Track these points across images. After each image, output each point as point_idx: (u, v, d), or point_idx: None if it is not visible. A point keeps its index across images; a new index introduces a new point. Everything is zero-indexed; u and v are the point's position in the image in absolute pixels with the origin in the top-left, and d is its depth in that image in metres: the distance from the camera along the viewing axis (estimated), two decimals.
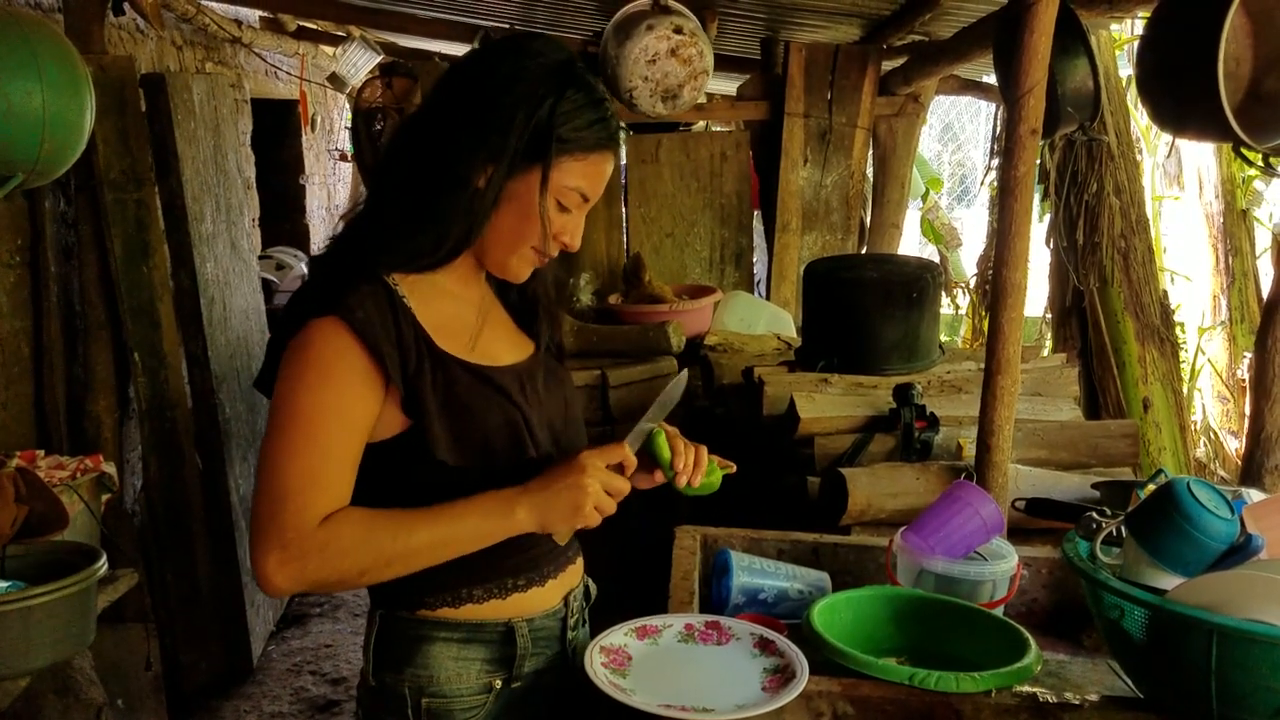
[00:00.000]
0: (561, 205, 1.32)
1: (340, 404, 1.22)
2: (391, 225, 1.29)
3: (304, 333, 1.23)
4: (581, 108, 1.28)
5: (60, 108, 2.30)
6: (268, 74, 5.67)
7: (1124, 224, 3.64)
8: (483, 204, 1.28)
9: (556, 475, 1.27)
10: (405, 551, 1.23)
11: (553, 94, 1.26)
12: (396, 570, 1.25)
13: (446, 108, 1.30)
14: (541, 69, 1.28)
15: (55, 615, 1.97)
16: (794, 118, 4.22)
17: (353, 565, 1.22)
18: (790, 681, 1.29)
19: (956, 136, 11.37)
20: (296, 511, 1.19)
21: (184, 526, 3.41)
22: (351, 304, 1.22)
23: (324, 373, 1.22)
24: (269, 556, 1.19)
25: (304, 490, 1.20)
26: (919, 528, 1.69)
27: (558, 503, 1.26)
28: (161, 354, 3.30)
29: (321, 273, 1.32)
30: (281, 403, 1.23)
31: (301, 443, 1.21)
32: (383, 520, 1.23)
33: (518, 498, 1.26)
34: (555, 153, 1.27)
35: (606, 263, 4.30)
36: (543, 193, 1.28)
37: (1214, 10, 1.95)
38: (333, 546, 1.20)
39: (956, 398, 2.56)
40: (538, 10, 4.65)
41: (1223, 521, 1.32)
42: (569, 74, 1.29)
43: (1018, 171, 1.95)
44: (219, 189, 3.77)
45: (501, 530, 1.27)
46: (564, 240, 1.35)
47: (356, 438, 1.24)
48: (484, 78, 1.29)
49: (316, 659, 3.87)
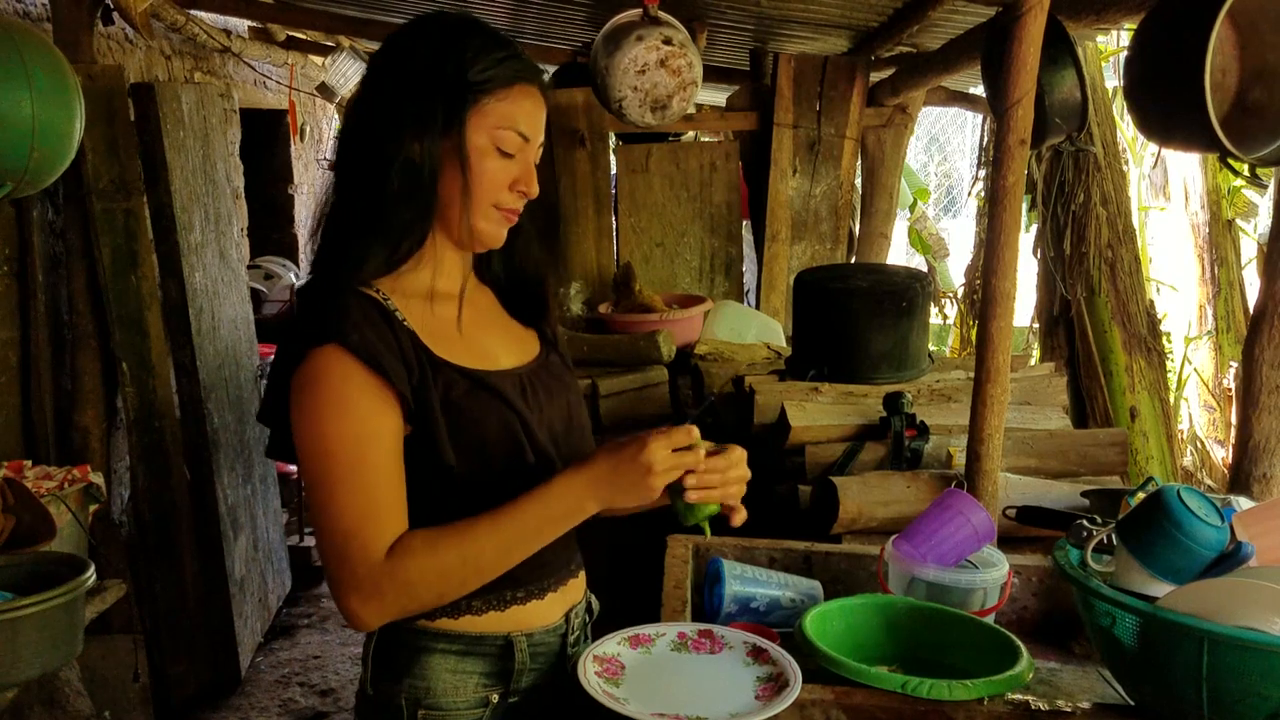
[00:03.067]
0: (502, 151, 1.31)
1: (367, 430, 1.22)
2: (354, 230, 1.29)
3: (307, 366, 1.22)
4: (486, 49, 1.29)
5: (50, 117, 2.30)
6: (257, 84, 5.66)
7: (1111, 234, 3.66)
8: (424, 174, 1.28)
9: (624, 468, 1.24)
10: (476, 565, 1.24)
11: (453, 48, 1.28)
12: (472, 584, 1.27)
13: (369, 98, 1.32)
14: (440, 30, 1.31)
15: (43, 626, 1.96)
16: (783, 128, 4.23)
17: (428, 590, 1.24)
18: (783, 690, 1.29)
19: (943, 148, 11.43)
20: (361, 548, 1.20)
21: (172, 537, 3.39)
22: (346, 328, 1.22)
23: (340, 404, 1.21)
24: (350, 599, 1.21)
25: (363, 527, 1.20)
26: (910, 536, 1.69)
27: (625, 497, 1.25)
28: (150, 364, 3.29)
29: (309, 299, 1.31)
30: (311, 444, 1.22)
31: (345, 479, 1.21)
32: (446, 539, 1.23)
33: (585, 490, 1.25)
34: (475, 97, 1.28)
35: (596, 272, 4.30)
36: (463, 135, 1.28)
37: (1200, 21, 1.96)
38: (403, 576, 1.21)
39: (946, 406, 2.57)
40: (526, 21, 4.66)
41: (1213, 529, 1.33)
42: (465, 26, 1.31)
43: (1006, 182, 1.97)
44: (208, 198, 3.77)
45: (570, 520, 1.27)
46: (520, 189, 1.34)
47: (394, 458, 1.24)
48: (392, 58, 1.31)
49: (305, 670, 3.85)
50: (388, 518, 1.22)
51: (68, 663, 2.25)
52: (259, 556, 4.06)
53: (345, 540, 1.20)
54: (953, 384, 2.72)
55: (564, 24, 4.61)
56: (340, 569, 1.21)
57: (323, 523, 1.22)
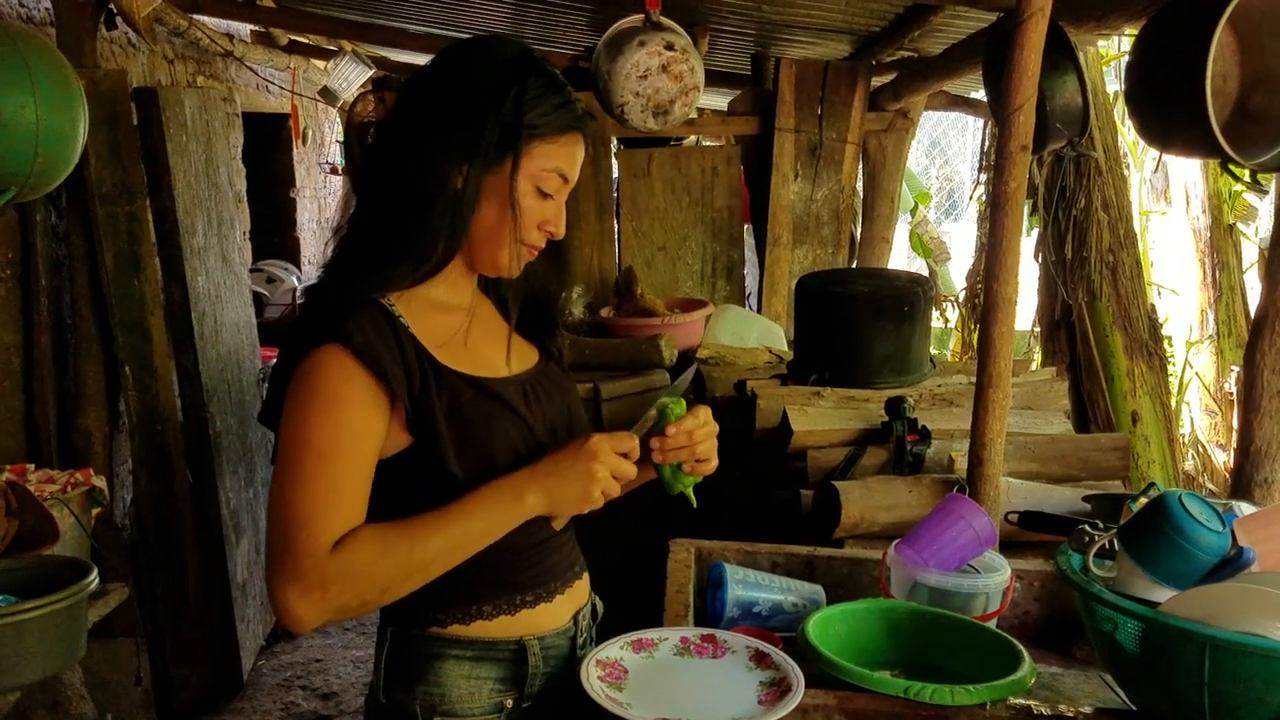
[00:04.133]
0: (542, 191, 1.32)
1: (348, 430, 1.22)
2: (381, 244, 1.29)
3: (307, 362, 1.23)
4: (545, 93, 1.30)
5: (53, 121, 2.31)
6: (259, 88, 5.67)
7: (1112, 238, 3.66)
8: (464, 204, 1.29)
9: (566, 460, 1.28)
10: (423, 560, 1.23)
11: (515, 84, 1.28)
12: (417, 581, 1.25)
13: (414, 115, 1.31)
14: (499, 63, 1.30)
15: (46, 629, 1.96)
16: (785, 133, 4.24)
17: (372, 585, 1.21)
18: (786, 695, 1.30)
19: (944, 152, 11.43)
20: (309, 539, 1.18)
21: (174, 541, 3.39)
22: (350, 329, 1.22)
23: (330, 400, 1.21)
24: (288, 590, 1.18)
25: (314, 518, 1.19)
26: (912, 540, 1.70)
27: (568, 488, 1.28)
28: (152, 367, 3.29)
29: (317, 301, 1.31)
30: (290, 434, 1.23)
31: (311, 472, 1.20)
32: (394, 533, 1.23)
33: (526, 484, 1.28)
34: (526, 139, 1.29)
35: (598, 276, 4.31)
36: (513, 179, 1.29)
37: (1201, 28, 1.96)
38: (348, 569, 1.19)
39: (948, 411, 2.58)
40: (529, 25, 4.67)
41: (1214, 534, 1.33)
42: (527, 64, 1.31)
43: (1008, 186, 1.97)
44: (210, 202, 3.77)
45: (513, 518, 1.28)
46: (548, 229, 1.36)
47: (366, 462, 1.24)
48: (446, 80, 1.31)
49: (307, 674, 3.85)
50: (341, 514, 1.21)
51: (70, 666, 2.25)
52: (261, 560, 4.06)
53: (295, 528, 1.18)
54: (954, 388, 2.72)
55: (566, 29, 4.62)
56: (282, 557, 1.18)
57: (278, 509, 1.20)
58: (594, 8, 4.01)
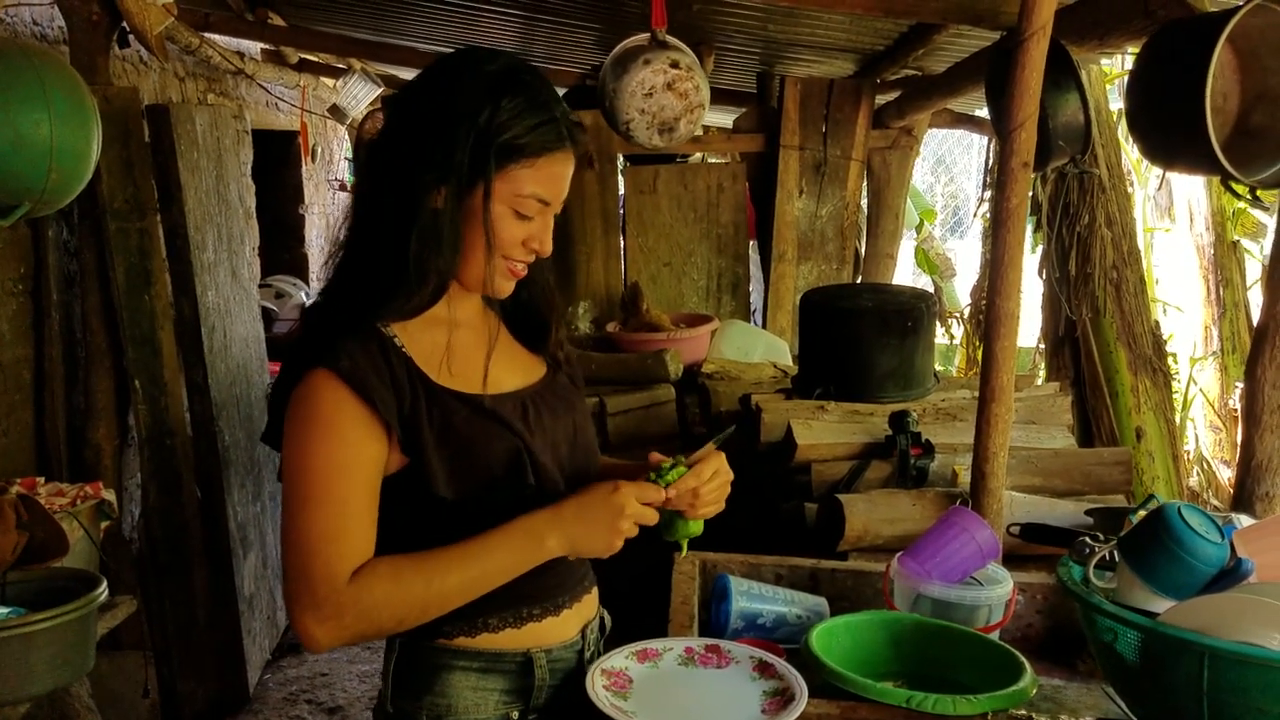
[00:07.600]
0: (520, 214, 1.30)
1: (347, 455, 1.23)
2: (371, 266, 1.28)
3: (301, 386, 1.24)
4: (521, 114, 1.26)
5: (67, 138, 2.33)
6: (269, 105, 5.72)
7: (1116, 255, 3.68)
8: (445, 227, 1.27)
9: (592, 509, 1.28)
10: (440, 595, 1.25)
11: (488, 104, 1.25)
12: (433, 613, 1.27)
13: (395, 133, 1.30)
14: (479, 80, 1.27)
15: (55, 642, 1.97)
16: (789, 150, 4.27)
17: (389, 617, 1.24)
18: (789, 704, 1.31)
19: (949, 169, 11.46)
20: (324, 566, 1.20)
21: (182, 554, 3.40)
22: (339, 354, 1.23)
23: (326, 426, 1.22)
24: (305, 616, 1.21)
25: (327, 547, 1.21)
26: (916, 553, 1.71)
27: (592, 538, 1.28)
28: (162, 382, 3.32)
29: (314, 323, 1.31)
30: (292, 460, 1.24)
31: (318, 499, 1.22)
32: (411, 568, 1.24)
33: (549, 527, 1.28)
34: (501, 162, 1.26)
35: (605, 291, 4.33)
36: (486, 205, 1.27)
37: (1201, 47, 1.99)
38: (365, 601, 1.21)
39: (951, 425, 2.59)
40: (537, 44, 4.71)
41: (1213, 545, 1.35)
42: (506, 81, 1.27)
43: (1010, 203, 1.99)
44: (220, 218, 3.80)
45: (532, 560, 1.28)
46: (533, 247, 1.33)
47: (369, 486, 1.25)
48: (425, 98, 1.29)
49: (313, 688, 3.86)
50: (353, 542, 1.23)
51: (79, 678, 2.26)
52: (268, 574, 4.08)
53: (309, 558, 1.21)
54: (958, 403, 2.73)
55: (573, 47, 4.66)
56: (300, 584, 1.21)
57: (290, 537, 1.23)
58: (601, 27, 4.05)
